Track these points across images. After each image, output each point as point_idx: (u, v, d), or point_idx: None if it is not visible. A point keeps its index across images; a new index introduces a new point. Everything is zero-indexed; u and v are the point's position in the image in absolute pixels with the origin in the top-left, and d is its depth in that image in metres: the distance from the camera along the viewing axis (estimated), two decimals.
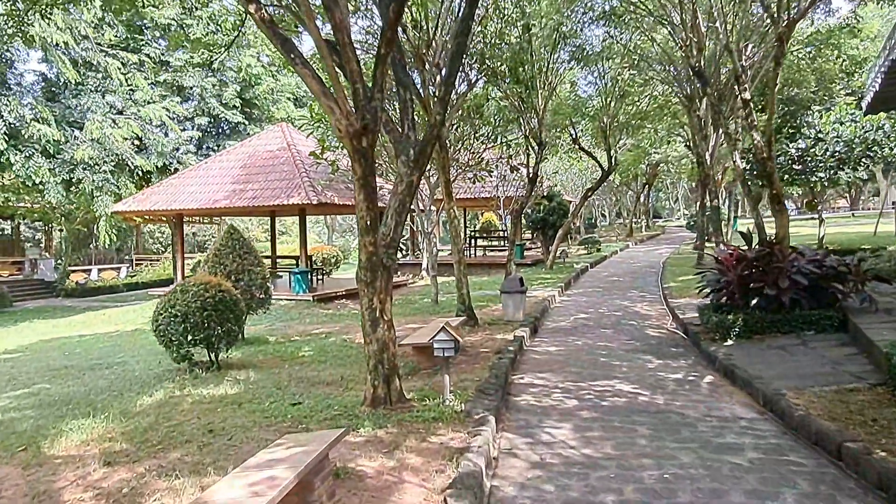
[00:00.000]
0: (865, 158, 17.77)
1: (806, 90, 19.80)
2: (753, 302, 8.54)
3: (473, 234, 29.42)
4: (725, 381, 6.93)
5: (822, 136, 17.79)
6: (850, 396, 5.51)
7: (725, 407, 5.96)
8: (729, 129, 16.32)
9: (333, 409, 5.83)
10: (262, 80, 32.46)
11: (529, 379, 7.37)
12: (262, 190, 17.66)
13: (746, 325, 8.30)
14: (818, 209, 21.90)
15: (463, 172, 16.28)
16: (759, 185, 17.92)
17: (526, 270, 20.37)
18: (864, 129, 17.22)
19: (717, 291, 9.22)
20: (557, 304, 14.26)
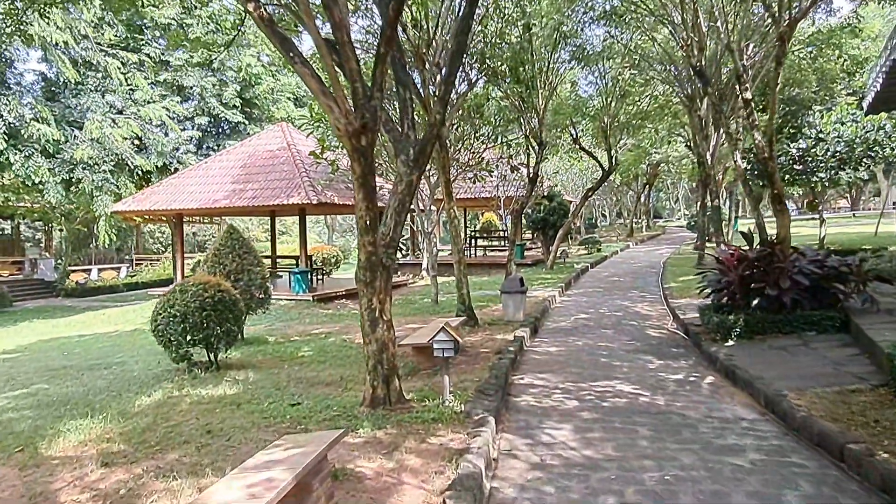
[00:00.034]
0: (866, 158, 17.75)
1: (807, 90, 19.74)
2: (754, 302, 8.51)
3: (474, 234, 29.39)
4: (726, 381, 6.90)
5: (823, 136, 17.77)
6: (852, 397, 5.48)
7: (727, 408, 5.93)
8: (730, 128, 16.29)
9: (332, 409, 5.80)
10: (262, 79, 32.45)
11: (529, 379, 7.34)
12: (262, 190, 17.64)
13: (747, 325, 8.27)
14: (819, 209, 21.87)
15: (463, 172, 16.25)
16: (760, 184, 17.88)
17: (526, 270, 20.35)
18: (865, 129, 17.21)
19: (717, 292, 9.19)
20: (558, 304, 14.23)
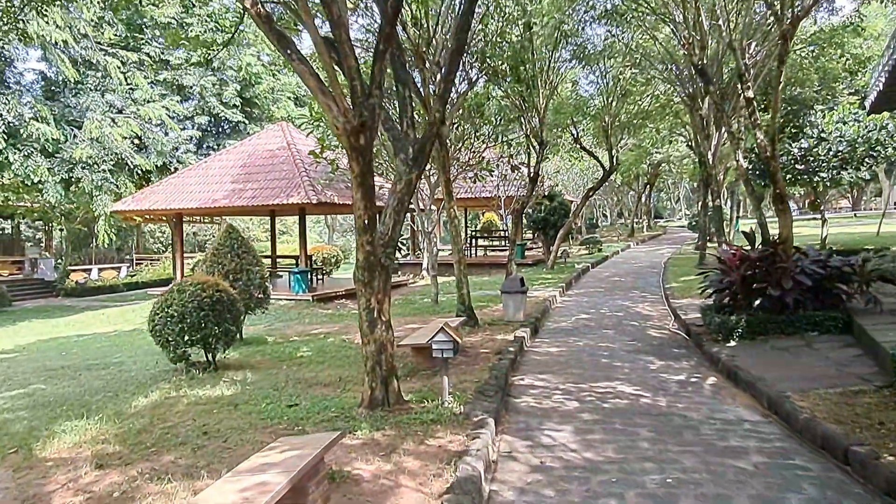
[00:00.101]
0: (868, 158, 17.65)
1: (809, 89, 19.67)
2: (757, 303, 8.44)
3: (474, 233, 29.33)
4: (728, 382, 6.84)
5: (824, 135, 17.68)
6: (855, 399, 5.42)
7: (729, 409, 5.87)
8: (732, 128, 16.20)
9: (330, 410, 5.75)
10: (262, 79, 32.40)
11: (530, 380, 7.28)
12: (261, 189, 17.59)
13: (749, 326, 8.21)
14: (821, 209, 21.79)
15: (463, 172, 16.19)
16: (761, 184, 17.80)
17: (527, 270, 20.29)
18: (867, 128, 17.11)
19: (719, 292, 9.13)
20: (558, 304, 14.17)
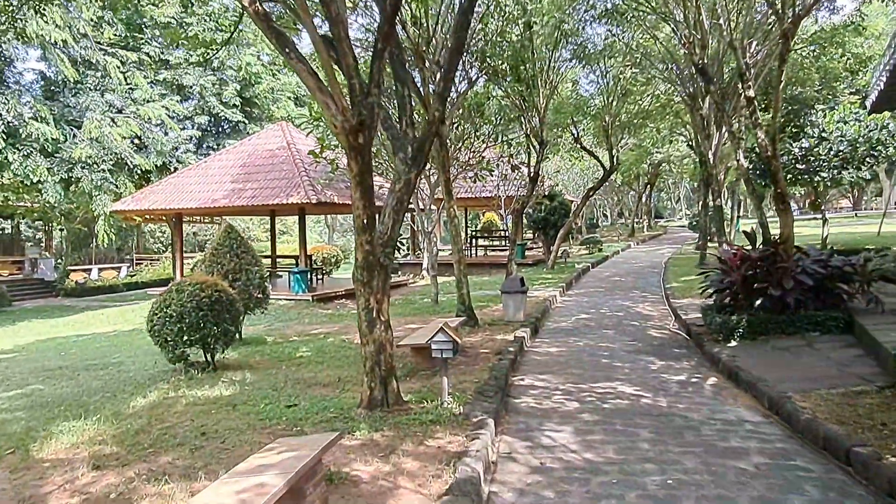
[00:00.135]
0: (869, 158, 17.63)
1: (810, 89, 19.61)
2: (757, 302, 8.40)
3: (474, 233, 29.29)
4: (729, 383, 6.81)
5: (825, 135, 17.64)
6: (857, 399, 5.39)
7: (730, 410, 5.84)
8: (732, 127, 16.17)
9: (329, 411, 5.72)
10: (262, 78, 32.35)
11: (530, 381, 7.25)
12: (261, 189, 17.56)
13: (750, 326, 8.18)
14: (822, 209, 21.75)
15: (463, 171, 16.16)
16: (762, 184, 17.77)
17: (527, 270, 20.25)
18: (867, 128, 17.08)
19: (720, 292, 9.10)
20: (559, 304, 14.14)
